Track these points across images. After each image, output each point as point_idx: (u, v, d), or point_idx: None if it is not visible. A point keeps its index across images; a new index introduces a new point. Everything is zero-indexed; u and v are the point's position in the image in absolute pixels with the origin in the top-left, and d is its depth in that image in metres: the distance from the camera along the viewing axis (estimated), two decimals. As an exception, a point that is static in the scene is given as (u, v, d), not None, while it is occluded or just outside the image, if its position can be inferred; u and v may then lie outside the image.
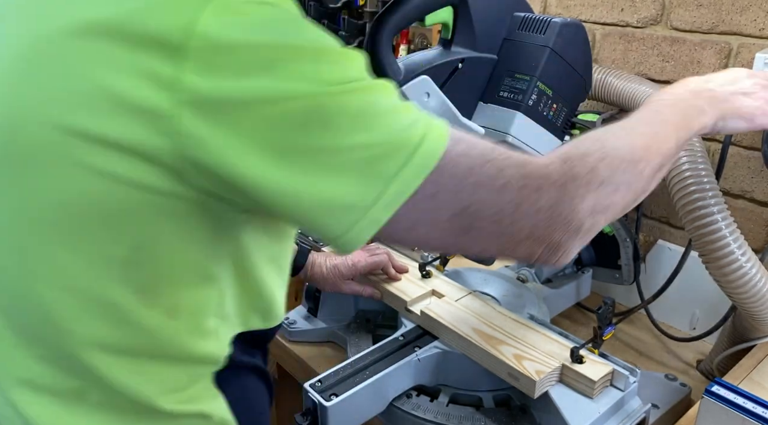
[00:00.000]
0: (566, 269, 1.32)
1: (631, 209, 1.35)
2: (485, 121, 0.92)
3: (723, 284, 0.99)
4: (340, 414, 0.91)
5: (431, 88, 0.85)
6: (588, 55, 0.96)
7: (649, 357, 1.24)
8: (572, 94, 0.95)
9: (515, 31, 0.91)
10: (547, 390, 0.92)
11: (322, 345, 1.25)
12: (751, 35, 1.15)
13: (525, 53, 0.90)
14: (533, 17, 0.91)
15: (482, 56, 0.89)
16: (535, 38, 0.89)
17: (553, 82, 0.91)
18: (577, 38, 0.92)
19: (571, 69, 0.93)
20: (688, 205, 0.99)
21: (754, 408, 0.81)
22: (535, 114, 0.91)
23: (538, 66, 0.88)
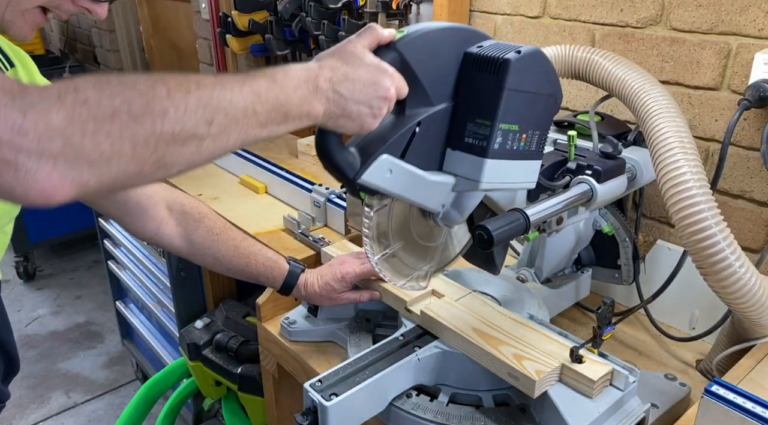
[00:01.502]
0: (566, 269, 1.32)
1: (631, 209, 1.36)
2: (456, 168, 0.88)
3: (722, 295, 0.98)
4: (340, 413, 0.92)
5: (392, 164, 0.82)
6: (551, 73, 0.89)
7: (648, 357, 1.24)
8: (542, 117, 0.90)
9: (469, 71, 0.84)
10: (546, 390, 0.92)
11: (322, 345, 1.25)
12: (750, 35, 1.15)
13: (482, 96, 0.83)
14: (484, 56, 0.83)
15: (438, 109, 0.84)
16: (490, 80, 0.82)
17: (517, 117, 0.85)
18: (535, 66, 0.85)
19: (535, 96, 0.87)
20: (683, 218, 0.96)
21: (753, 408, 0.81)
22: (504, 153, 0.86)
23: (497, 109, 0.82)
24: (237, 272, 1.21)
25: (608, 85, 1.12)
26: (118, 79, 0.58)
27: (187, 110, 0.60)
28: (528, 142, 0.89)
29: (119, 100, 0.57)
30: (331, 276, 1.18)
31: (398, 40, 0.79)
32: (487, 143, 0.84)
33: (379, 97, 0.75)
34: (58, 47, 4.52)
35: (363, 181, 0.81)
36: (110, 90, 0.57)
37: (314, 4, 1.89)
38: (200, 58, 2.79)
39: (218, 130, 0.63)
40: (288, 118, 0.69)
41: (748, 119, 1.19)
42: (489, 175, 0.86)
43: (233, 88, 0.64)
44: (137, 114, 0.57)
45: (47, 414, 2.61)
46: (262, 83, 0.67)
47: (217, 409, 2.05)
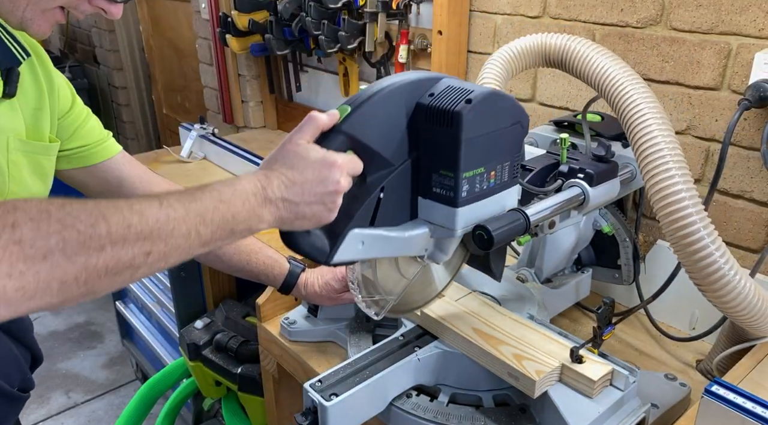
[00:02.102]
0: (566, 269, 1.32)
1: (631, 209, 1.36)
2: (430, 216, 0.87)
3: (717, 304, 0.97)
4: (340, 413, 0.92)
5: (363, 236, 0.82)
6: (509, 105, 0.86)
7: (648, 357, 1.24)
8: (508, 148, 0.87)
9: (423, 123, 0.81)
10: (546, 390, 0.92)
11: (322, 345, 1.25)
12: (750, 35, 1.15)
13: (440, 148, 0.81)
14: (436, 109, 0.80)
15: (400, 169, 0.83)
16: (445, 133, 0.80)
17: (480, 161, 0.83)
18: (489, 108, 0.81)
19: (496, 133, 0.84)
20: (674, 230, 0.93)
21: (753, 408, 0.81)
22: (475, 197, 0.85)
23: (458, 161, 0.80)
24: (237, 270, 1.21)
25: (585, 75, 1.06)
26: (60, 212, 0.58)
27: (126, 245, 0.61)
28: (498, 176, 0.87)
29: (55, 240, 0.56)
30: (332, 276, 1.18)
31: (342, 121, 0.78)
32: (455, 193, 0.83)
33: (330, 193, 0.75)
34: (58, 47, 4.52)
35: (336, 261, 0.81)
36: (48, 227, 0.56)
37: (314, 4, 1.89)
38: (200, 58, 2.80)
39: (156, 258, 0.64)
40: (234, 232, 0.71)
41: (748, 119, 1.19)
42: (463, 220, 0.85)
43: (177, 215, 0.65)
44: (71, 253, 0.57)
45: (47, 414, 2.61)
46: (208, 203, 0.68)
47: (217, 409, 2.05)
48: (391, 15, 1.84)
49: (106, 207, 0.61)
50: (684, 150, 1.30)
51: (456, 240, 0.90)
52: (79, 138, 1.09)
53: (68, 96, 1.08)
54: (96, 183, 1.13)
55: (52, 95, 1.02)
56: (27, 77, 0.97)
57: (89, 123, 1.11)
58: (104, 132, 1.15)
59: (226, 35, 2.26)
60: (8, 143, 0.94)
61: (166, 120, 3.69)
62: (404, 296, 0.99)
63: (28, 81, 0.97)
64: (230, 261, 1.20)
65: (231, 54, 2.51)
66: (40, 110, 1.00)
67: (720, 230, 1.28)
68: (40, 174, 1.01)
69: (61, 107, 1.05)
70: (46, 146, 1.01)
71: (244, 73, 2.55)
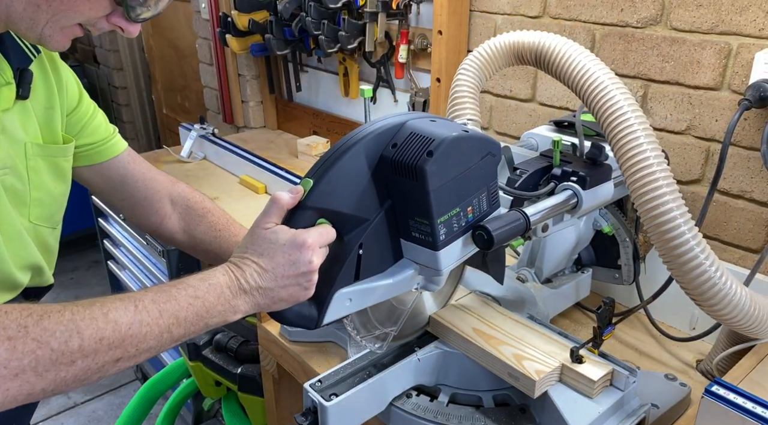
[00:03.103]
0: (566, 269, 1.32)
1: (631, 209, 1.36)
2: (415, 256, 0.87)
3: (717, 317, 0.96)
4: (340, 413, 0.92)
5: (349, 293, 0.83)
6: (475, 144, 0.83)
7: (648, 357, 1.24)
8: (482, 179, 0.86)
9: (390, 174, 0.81)
10: (546, 390, 0.92)
11: (322, 345, 1.25)
12: (750, 35, 1.15)
13: (411, 198, 0.81)
14: (400, 164, 0.79)
15: (375, 221, 0.83)
16: (412, 185, 0.79)
17: (454, 202, 0.83)
18: (453, 153, 0.80)
19: (466, 172, 0.83)
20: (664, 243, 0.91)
21: (753, 408, 0.81)
22: (455, 235, 0.85)
23: (429, 209, 0.80)
24: None
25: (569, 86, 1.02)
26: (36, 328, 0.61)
27: (96, 356, 0.64)
28: (476, 209, 0.87)
29: (28, 360, 0.59)
30: None
31: (306, 196, 0.78)
32: (433, 238, 0.83)
33: (303, 274, 0.77)
34: (58, 47, 4.52)
35: (327, 322, 0.82)
36: (23, 347, 0.59)
37: (314, 4, 1.89)
38: (200, 58, 2.80)
39: (124, 363, 0.67)
40: (209, 325, 0.74)
41: (748, 119, 1.19)
42: (447, 260, 0.85)
43: (150, 319, 0.68)
44: (42, 371, 0.60)
45: (47, 414, 2.61)
46: (182, 301, 0.71)
47: (217, 409, 2.05)
48: (391, 15, 1.84)
49: (82, 318, 0.64)
50: (684, 150, 1.31)
51: (444, 275, 0.90)
52: (87, 135, 1.08)
53: (75, 91, 1.06)
54: (100, 181, 1.13)
55: (61, 92, 1.01)
56: (37, 76, 0.96)
57: (96, 119, 1.10)
58: (110, 128, 1.13)
59: (226, 35, 2.26)
60: (26, 151, 0.93)
61: (166, 120, 3.69)
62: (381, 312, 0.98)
63: (38, 80, 0.96)
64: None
65: (231, 54, 2.51)
66: (51, 108, 0.99)
67: (720, 230, 1.29)
68: (60, 176, 1.01)
69: (69, 102, 1.04)
70: (63, 148, 1.01)
71: (244, 73, 2.55)
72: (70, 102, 1.04)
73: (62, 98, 1.01)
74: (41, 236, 1.01)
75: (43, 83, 0.98)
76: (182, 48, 3.19)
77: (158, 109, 3.77)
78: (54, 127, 0.99)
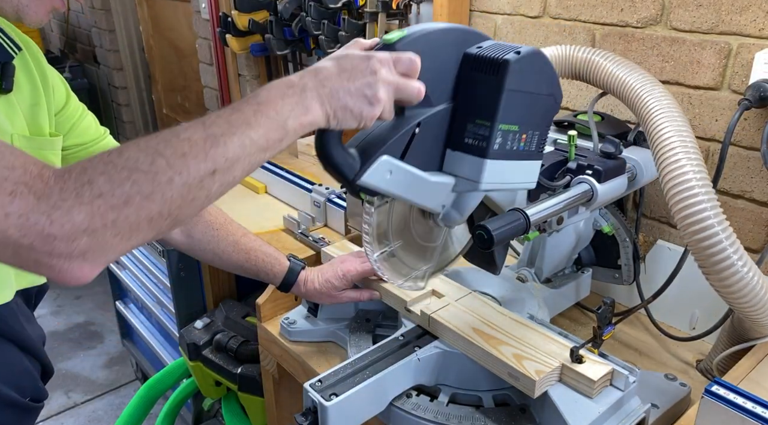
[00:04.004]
0: (566, 269, 1.32)
1: (631, 209, 1.36)
2: (456, 169, 0.88)
3: (720, 290, 0.98)
4: (340, 413, 0.92)
5: (392, 165, 0.82)
6: (551, 74, 0.88)
7: (648, 357, 1.24)
8: (541, 118, 0.90)
9: (468, 71, 0.84)
10: (546, 390, 0.92)
11: (322, 345, 1.25)
12: (750, 35, 1.15)
13: (482, 97, 0.83)
14: (484, 57, 0.82)
15: (438, 111, 0.84)
16: (490, 80, 0.82)
17: (517, 117, 0.85)
18: (534, 67, 0.85)
19: (535, 96, 0.87)
20: (683, 209, 0.96)
21: (753, 408, 0.81)
22: (504, 154, 0.86)
23: (497, 110, 0.82)
24: (236, 267, 1.20)
25: (609, 85, 1.12)
26: (120, 159, 0.62)
27: (189, 171, 0.64)
28: (528, 142, 0.89)
29: (129, 185, 0.61)
30: (332, 274, 1.18)
31: (398, 40, 0.78)
32: (487, 143, 0.83)
33: (368, 84, 0.74)
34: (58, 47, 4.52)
35: (363, 182, 0.80)
36: (119, 176, 0.61)
37: (314, 3, 1.89)
38: (200, 58, 2.80)
39: (222, 174, 0.67)
40: (287, 130, 0.71)
41: (748, 119, 1.19)
42: (489, 176, 0.85)
43: (222, 130, 0.67)
44: (148, 193, 0.62)
45: (47, 415, 2.61)
46: (247, 110, 0.69)
47: (217, 409, 2.05)
48: (391, 15, 1.84)
49: (157, 143, 0.64)
50: (684, 150, 1.31)
51: (474, 201, 0.92)
52: (76, 136, 1.08)
53: (63, 92, 1.06)
54: None
55: (47, 91, 1.01)
56: (20, 73, 0.96)
57: (85, 120, 1.10)
58: (101, 129, 1.13)
59: (226, 35, 2.26)
60: (12, 142, 0.93)
61: (166, 120, 3.69)
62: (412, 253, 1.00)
63: (22, 77, 0.96)
64: (229, 259, 1.19)
65: (231, 54, 2.51)
66: (37, 105, 0.99)
67: (720, 230, 1.29)
68: None
69: (56, 102, 1.04)
70: (50, 141, 1.00)
71: (244, 73, 2.55)
72: (57, 102, 1.04)
73: (49, 97, 1.01)
74: None
75: (27, 80, 0.97)
76: (182, 48, 3.19)
77: (158, 109, 3.77)
78: (40, 123, 0.99)
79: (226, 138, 0.66)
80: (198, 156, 0.65)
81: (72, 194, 0.59)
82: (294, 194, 1.87)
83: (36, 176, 0.59)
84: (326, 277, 1.18)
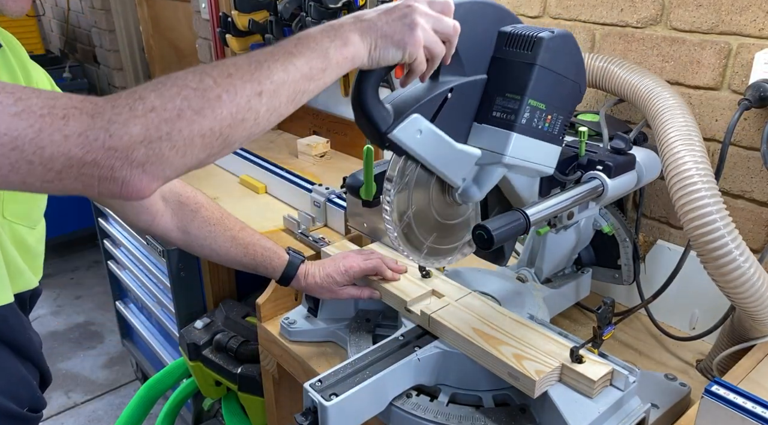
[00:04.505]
0: (566, 269, 1.32)
1: (631, 209, 1.36)
2: (481, 142, 0.91)
3: (721, 285, 0.99)
4: (340, 413, 0.92)
5: (422, 124, 0.84)
6: (579, 60, 0.94)
7: (648, 357, 1.24)
8: (566, 101, 0.94)
9: (503, 47, 0.89)
10: (546, 390, 0.92)
11: (322, 345, 1.25)
12: (750, 35, 1.15)
13: (514, 71, 0.88)
14: (519, 34, 0.88)
15: (471, 80, 0.88)
16: (523, 56, 0.87)
17: (545, 96, 0.90)
18: (565, 48, 0.90)
19: (563, 78, 0.91)
20: (686, 204, 0.98)
21: (753, 408, 0.81)
22: (530, 130, 0.90)
23: (528, 84, 0.87)
24: (235, 262, 1.19)
25: (623, 91, 1.18)
26: (168, 80, 0.65)
27: (236, 90, 0.66)
28: (552, 124, 0.93)
29: (179, 100, 0.63)
30: (334, 269, 1.17)
31: None
32: (515, 116, 0.88)
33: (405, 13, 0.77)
34: (58, 47, 4.52)
35: (394, 136, 0.83)
36: (168, 92, 0.64)
37: (314, 4, 1.89)
38: (200, 58, 2.80)
39: (269, 97, 0.69)
40: (329, 60, 0.73)
41: (748, 119, 1.19)
42: (514, 149, 0.89)
43: (265, 58, 0.70)
44: (198, 108, 0.64)
45: (47, 415, 2.61)
46: (288, 44, 0.72)
47: (217, 409, 2.05)
48: (391, 15, 1.84)
49: (203, 67, 0.67)
50: (684, 150, 1.31)
51: (494, 177, 0.94)
52: None
53: (48, 88, 1.02)
54: None
55: None
56: (2, 70, 0.93)
57: None
58: None
59: (226, 35, 2.26)
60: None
61: (166, 120, 3.69)
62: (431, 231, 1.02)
63: (3, 74, 0.93)
64: (227, 254, 1.18)
65: (231, 54, 2.52)
66: None
67: (720, 230, 1.29)
68: None
69: None
70: None
71: (244, 73, 2.55)
72: None
73: None
74: (18, 235, 0.97)
75: (9, 78, 0.94)
76: (182, 48, 3.19)
77: (158, 109, 3.76)
78: None
79: (269, 63, 0.69)
80: (243, 77, 0.67)
81: (125, 109, 0.62)
82: (294, 194, 1.87)
83: (83, 100, 0.62)
84: (328, 271, 1.18)
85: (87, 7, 3.83)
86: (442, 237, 1.02)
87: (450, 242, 1.04)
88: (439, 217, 1.00)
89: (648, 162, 1.16)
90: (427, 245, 1.00)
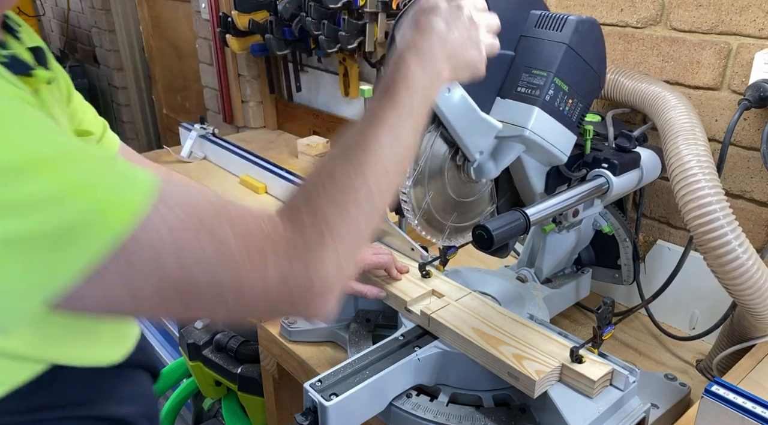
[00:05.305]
0: (566, 269, 1.32)
1: (631, 209, 1.36)
2: (503, 116, 0.94)
3: (722, 279, 0.99)
4: (340, 413, 0.92)
5: (452, 83, 0.88)
6: (602, 52, 0.98)
7: (648, 357, 1.24)
8: (587, 90, 0.98)
9: (532, 28, 0.94)
10: (546, 390, 0.92)
11: (322, 345, 1.25)
12: (750, 35, 1.15)
13: (542, 50, 0.92)
14: (550, 15, 0.93)
15: (500, 53, 0.89)
16: (552, 35, 0.92)
17: (569, 77, 0.93)
18: (592, 35, 0.94)
19: (587, 65, 0.95)
20: (687, 195, 0.99)
21: (753, 408, 0.81)
22: (552, 109, 0.93)
23: (555, 62, 0.91)
24: None
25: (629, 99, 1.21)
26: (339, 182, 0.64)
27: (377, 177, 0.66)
28: (572, 109, 0.96)
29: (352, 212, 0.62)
30: None
31: None
32: (540, 92, 0.91)
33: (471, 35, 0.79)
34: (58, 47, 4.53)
35: None
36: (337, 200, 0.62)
37: (314, 4, 1.89)
38: (200, 58, 2.80)
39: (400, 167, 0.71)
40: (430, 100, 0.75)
41: (748, 119, 1.19)
42: (536, 124, 0.92)
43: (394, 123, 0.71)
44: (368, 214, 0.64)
45: (47, 414, 2.61)
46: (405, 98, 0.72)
47: (217, 409, 2.05)
48: (391, 15, 1.84)
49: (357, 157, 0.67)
50: (684, 150, 1.31)
51: (511, 154, 0.97)
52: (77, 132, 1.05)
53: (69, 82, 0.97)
54: None
55: None
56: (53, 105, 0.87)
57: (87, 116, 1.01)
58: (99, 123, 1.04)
59: (226, 35, 2.26)
60: None
61: (166, 120, 3.70)
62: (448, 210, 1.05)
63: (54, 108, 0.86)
64: None
65: (231, 54, 2.52)
66: None
67: (720, 230, 1.29)
68: None
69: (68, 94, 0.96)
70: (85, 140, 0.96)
71: (244, 73, 2.55)
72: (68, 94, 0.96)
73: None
74: None
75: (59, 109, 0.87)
76: (182, 48, 3.19)
77: (158, 109, 3.77)
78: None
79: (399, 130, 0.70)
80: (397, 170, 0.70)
81: (315, 237, 0.59)
82: (294, 194, 1.86)
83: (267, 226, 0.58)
84: None
85: (87, 7, 3.83)
86: (462, 214, 1.05)
87: (470, 218, 1.07)
88: (456, 196, 1.03)
89: (649, 162, 1.16)
90: (448, 225, 1.03)
